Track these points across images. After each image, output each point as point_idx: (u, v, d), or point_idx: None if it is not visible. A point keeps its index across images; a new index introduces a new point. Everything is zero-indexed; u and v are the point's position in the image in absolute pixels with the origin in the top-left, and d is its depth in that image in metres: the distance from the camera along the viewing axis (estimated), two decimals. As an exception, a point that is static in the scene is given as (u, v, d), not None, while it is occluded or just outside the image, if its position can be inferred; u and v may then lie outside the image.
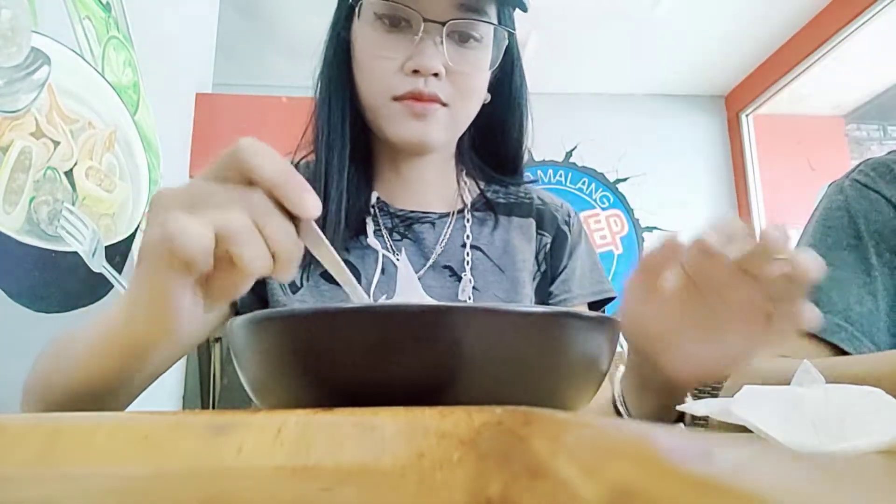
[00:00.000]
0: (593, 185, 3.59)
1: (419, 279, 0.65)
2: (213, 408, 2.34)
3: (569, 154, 3.59)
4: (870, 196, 0.71)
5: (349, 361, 0.27)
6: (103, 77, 1.36)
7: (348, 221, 0.63)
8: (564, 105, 3.51)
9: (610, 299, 0.72)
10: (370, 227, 0.66)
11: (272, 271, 0.30)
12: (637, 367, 0.47)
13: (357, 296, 0.35)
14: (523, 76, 0.72)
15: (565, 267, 0.71)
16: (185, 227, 0.27)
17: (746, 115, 3.56)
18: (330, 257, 0.33)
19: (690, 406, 0.32)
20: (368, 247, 0.65)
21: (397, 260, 0.65)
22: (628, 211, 3.57)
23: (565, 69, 3.36)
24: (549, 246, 0.72)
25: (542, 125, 0.74)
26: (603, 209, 3.57)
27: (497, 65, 0.65)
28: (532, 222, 0.72)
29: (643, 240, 3.53)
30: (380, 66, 0.61)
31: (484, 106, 0.67)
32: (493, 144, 0.74)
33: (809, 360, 0.33)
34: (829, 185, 0.77)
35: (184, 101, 2.11)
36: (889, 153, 0.76)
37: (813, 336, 0.64)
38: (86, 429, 0.19)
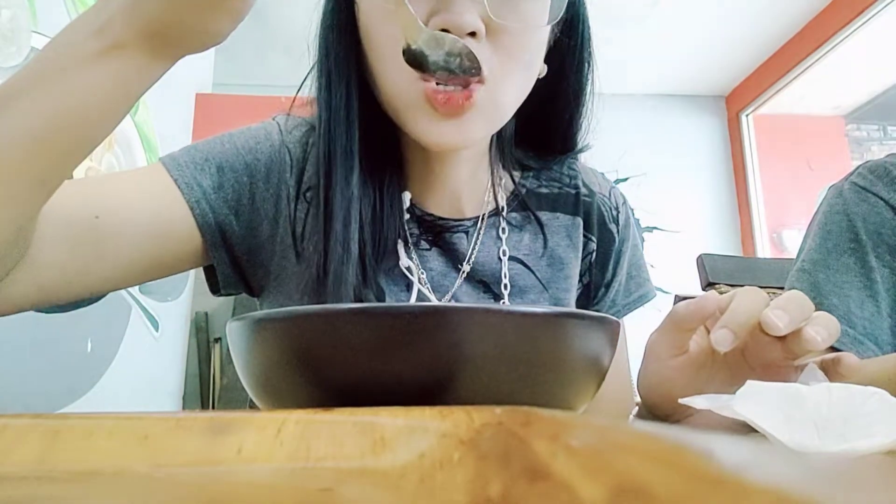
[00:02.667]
0: (593, 185, 3.59)
1: (452, 296, 0.54)
2: (213, 408, 2.34)
3: (569, 154, 3.59)
4: (868, 199, 0.72)
5: (349, 361, 0.27)
6: (103, 77, 1.36)
7: (375, 242, 0.50)
8: (564, 105, 3.51)
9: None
10: (400, 247, 0.54)
11: None
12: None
13: None
14: (590, 38, 0.54)
15: (611, 279, 0.63)
16: None
17: (746, 115, 3.56)
18: None
19: (692, 400, 0.32)
20: (397, 266, 0.53)
21: (427, 290, 0.54)
22: (628, 211, 3.57)
23: (565, 69, 3.35)
24: (594, 254, 0.62)
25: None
26: (603, 209, 3.56)
27: (559, 17, 0.45)
28: (579, 222, 0.60)
29: (643, 240, 3.54)
30: (391, 33, 0.42)
31: (537, 82, 0.49)
32: (543, 129, 0.59)
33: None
34: (829, 189, 0.78)
35: (184, 101, 2.11)
36: (888, 156, 0.76)
37: None
38: (86, 429, 0.19)
